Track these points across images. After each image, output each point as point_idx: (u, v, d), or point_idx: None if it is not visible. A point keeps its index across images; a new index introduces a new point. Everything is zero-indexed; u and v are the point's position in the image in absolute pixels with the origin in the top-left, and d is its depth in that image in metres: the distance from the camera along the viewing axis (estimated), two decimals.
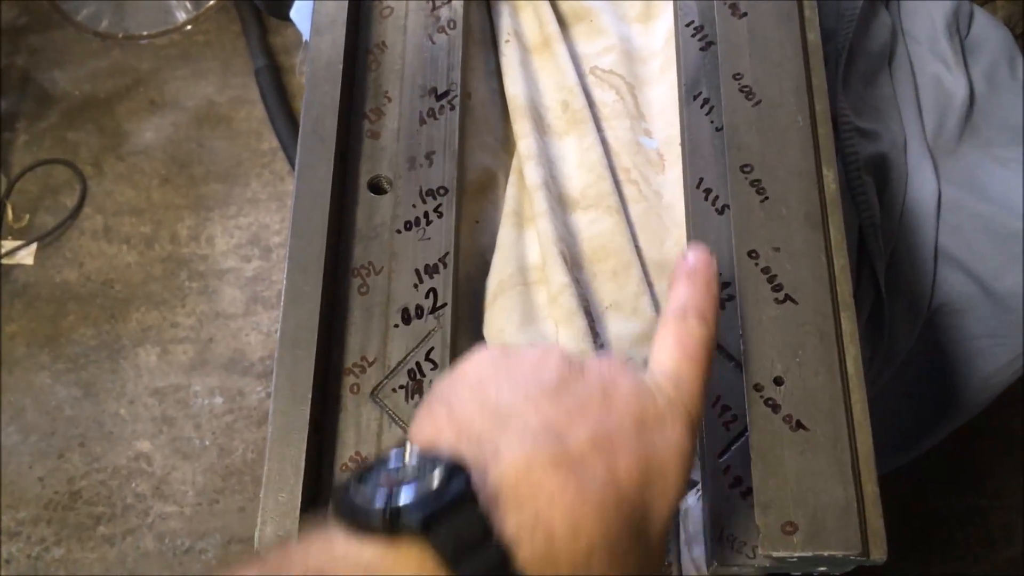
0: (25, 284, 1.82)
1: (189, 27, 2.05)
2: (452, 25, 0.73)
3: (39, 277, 1.83)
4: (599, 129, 0.77)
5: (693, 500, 0.62)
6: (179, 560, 1.62)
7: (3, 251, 1.82)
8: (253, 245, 1.84)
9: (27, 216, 1.87)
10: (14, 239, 1.85)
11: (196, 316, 1.79)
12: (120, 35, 2.04)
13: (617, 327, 0.70)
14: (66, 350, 1.77)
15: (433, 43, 0.72)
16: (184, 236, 1.86)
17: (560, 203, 0.74)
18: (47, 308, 1.80)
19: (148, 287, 1.82)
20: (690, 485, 0.63)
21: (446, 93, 0.70)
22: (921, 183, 0.91)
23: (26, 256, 1.84)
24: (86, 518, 1.64)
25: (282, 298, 0.63)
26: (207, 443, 1.70)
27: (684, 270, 0.47)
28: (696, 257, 0.48)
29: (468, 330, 0.69)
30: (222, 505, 1.66)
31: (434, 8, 0.73)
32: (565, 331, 0.68)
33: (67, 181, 1.91)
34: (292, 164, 1.88)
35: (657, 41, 0.82)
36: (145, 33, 2.03)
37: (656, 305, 0.71)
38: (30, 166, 1.91)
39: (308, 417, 0.58)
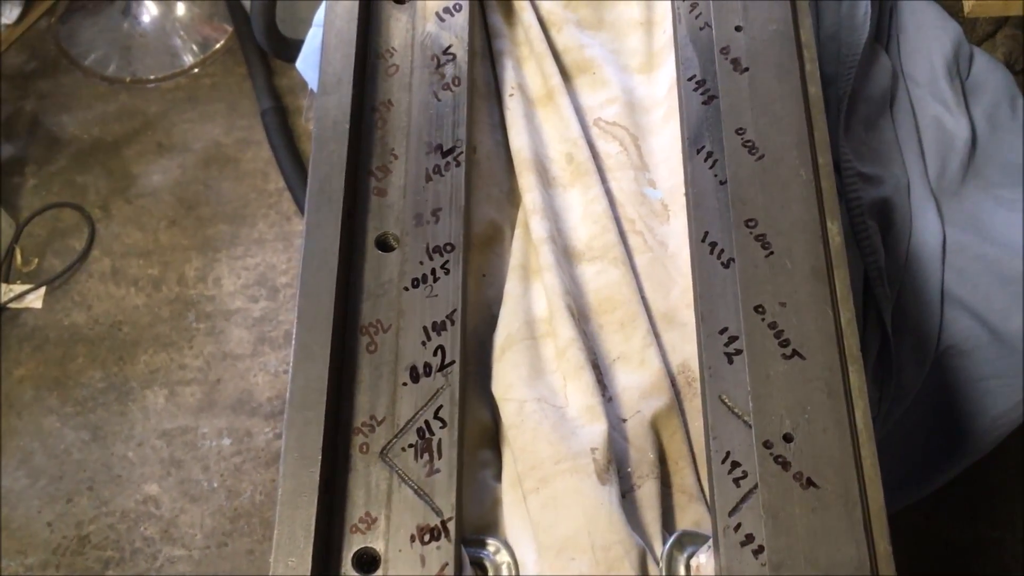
0: (34, 328, 1.83)
1: (196, 70, 2.07)
2: (457, 82, 0.73)
3: (47, 320, 1.83)
4: (603, 180, 0.78)
5: (705, 557, 0.61)
6: None
7: (12, 295, 1.83)
8: (260, 285, 1.85)
9: (36, 260, 1.89)
10: (23, 283, 1.86)
11: (204, 357, 1.80)
12: (128, 79, 2.06)
13: (625, 379, 0.70)
14: (74, 393, 1.77)
15: (439, 100, 0.73)
16: (191, 277, 1.87)
17: (566, 255, 0.74)
18: (55, 351, 1.81)
19: (156, 329, 1.83)
20: (701, 540, 0.63)
21: (452, 150, 0.71)
22: (925, 226, 0.91)
23: (35, 300, 1.85)
24: (95, 563, 1.64)
25: (291, 357, 0.63)
26: (215, 485, 1.70)
27: None
28: None
29: (476, 385, 0.69)
30: (231, 548, 1.65)
31: (439, 65, 0.74)
32: (573, 385, 0.68)
33: (75, 224, 1.92)
34: (298, 204, 1.90)
35: (660, 90, 0.83)
36: (152, 77, 2.06)
37: (663, 356, 0.71)
38: (39, 210, 1.93)
39: (318, 480, 0.58)
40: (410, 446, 0.62)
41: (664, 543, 0.63)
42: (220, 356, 1.80)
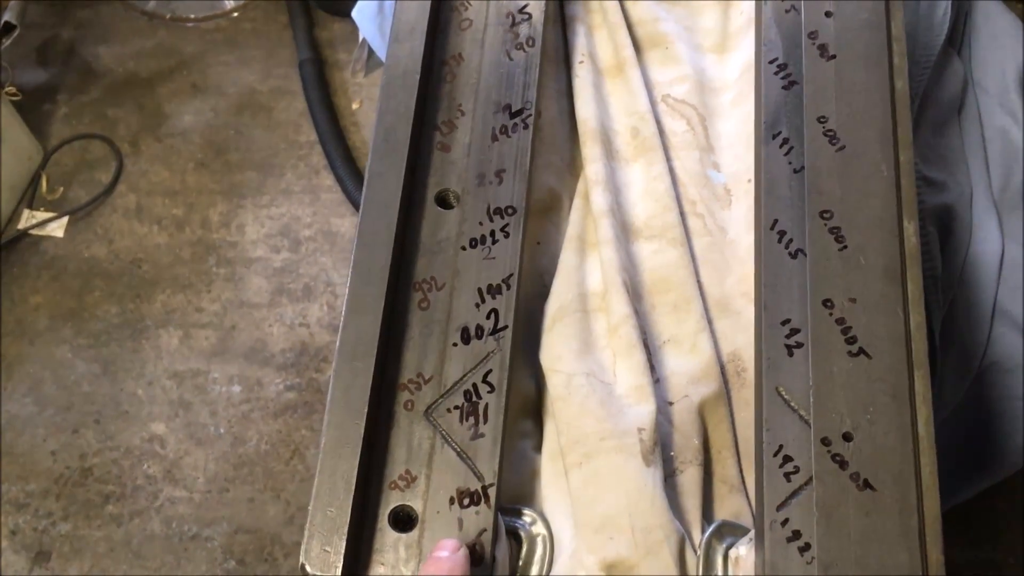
0: (54, 257, 1.81)
1: (236, 14, 2.05)
2: (531, 43, 0.71)
3: (68, 251, 1.82)
4: (667, 159, 0.76)
5: (745, 549, 0.60)
6: (184, 546, 1.61)
7: (35, 222, 1.82)
8: (283, 236, 1.84)
9: (61, 189, 1.87)
10: (47, 210, 1.85)
11: (221, 302, 1.78)
12: (168, 16, 2.03)
13: (674, 363, 0.68)
14: (89, 326, 1.76)
15: (511, 59, 0.71)
16: (215, 221, 1.85)
17: (624, 231, 0.73)
18: (73, 282, 1.80)
19: (175, 269, 1.81)
20: (740, 532, 0.62)
21: (520, 111, 0.69)
22: (985, 238, 0.90)
23: (57, 228, 1.83)
24: (95, 496, 1.63)
25: (343, 307, 0.62)
26: (222, 431, 1.69)
27: None
28: None
29: (522, 354, 0.68)
30: (232, 494, 1.65)
31: (514, 24, 0.72)
32: (623, 363, 0.66)
33: (103, 157, 1.90)
34: (329, 159, 1.88)
35: (731, 73, 0.81)
36: (192, 16, 2.03)
37: (715, 343, 0.69)
38: (68, 139, 1.91)
39: (363, 432, 0.57)
40: (456, 407, 0.61)
41: (703, 531, 0.62)
42: (237, 303, 1.79)
